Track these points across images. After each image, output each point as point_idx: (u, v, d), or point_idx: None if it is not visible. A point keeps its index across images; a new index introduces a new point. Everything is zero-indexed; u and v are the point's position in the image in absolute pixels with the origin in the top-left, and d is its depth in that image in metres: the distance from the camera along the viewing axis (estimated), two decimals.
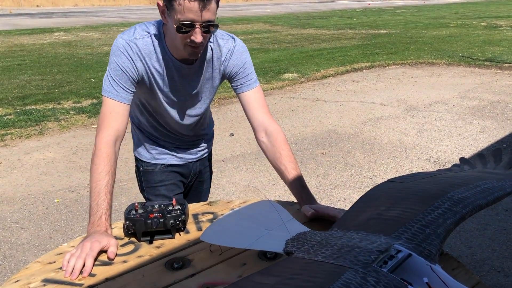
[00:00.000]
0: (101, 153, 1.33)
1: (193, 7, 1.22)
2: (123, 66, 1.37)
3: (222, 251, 1.21)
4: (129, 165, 4.09)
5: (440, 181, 1.27)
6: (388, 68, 8.84)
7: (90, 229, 1.21)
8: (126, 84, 1.38)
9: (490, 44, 11.68)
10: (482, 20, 19.50)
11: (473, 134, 4.83)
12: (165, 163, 1.69)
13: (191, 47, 1.32)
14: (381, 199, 1.22)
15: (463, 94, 6.62)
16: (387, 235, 1.02)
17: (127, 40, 1.38)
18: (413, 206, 1.13)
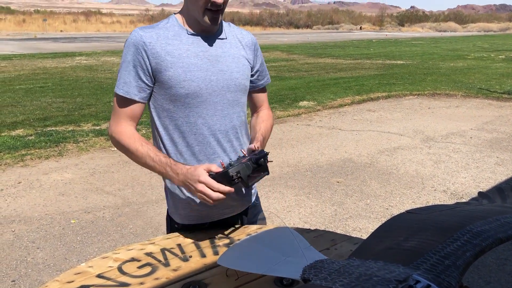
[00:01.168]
0: (127, 135, 1.37)
1: None
2: (137, 58, 1.34)
3: (239, 276, 1.21)
4: (145, 188, 4.12)
5: (459, 214, 1.26)
6: (405, 98, 8.84)
7: (177, 177, 1.30)
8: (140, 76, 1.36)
9: (508, 77, 11.64)
10: (500, 53, 19.49)
11: (491, 167, 4.77)
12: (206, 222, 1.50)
13: (211, 11, 1.33)
14: (399, 229, 1.21)
15: (481, 126, 6.57)
16: (406, 265, 1.02)
17: (140, 32, 1.36)
18: (432, 237, 1.12)
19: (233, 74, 1.42)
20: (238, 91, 1.44)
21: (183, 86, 1.34)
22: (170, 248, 1.37)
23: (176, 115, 1.38)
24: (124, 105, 1.37)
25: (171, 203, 1.51)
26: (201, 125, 1.39)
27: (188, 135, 1.40)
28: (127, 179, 4.36)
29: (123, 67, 1.36)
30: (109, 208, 3.71)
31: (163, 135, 1.41)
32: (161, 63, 1.33)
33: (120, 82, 1.36)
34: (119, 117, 1.38)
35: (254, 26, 62.72)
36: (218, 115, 1.41)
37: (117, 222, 3.46)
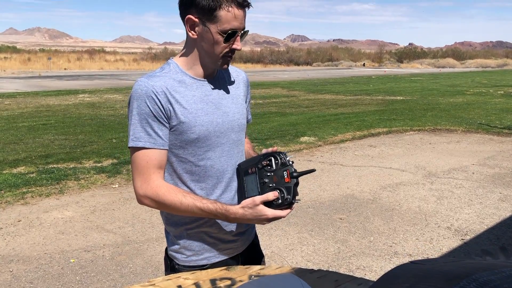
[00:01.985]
0: (164, 189, 1.36)
1: (239, 14, 1.29)
2: (148, 107, 1.34)
3: None
4: (146, 226, 4.08)
5: (464, 265, 1.24)
6: (406, 134, 8.88)
7: (231, 219, 1.35)
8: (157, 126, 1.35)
9: (508, 112, 11.72)
10: (499, 88, 19.69)
11: (495, 202, 4.73)
12: (206, 263, 1.48)
13: (228, 56, 1.36)
14: (402, 277, 1.19)
15: (482, 161, 6.56)
16: None
17: (147, 81, 1.36)
18: (437, 284, 1.10)
19: (235, 116, 1.45)
20: (240, 131, 1.48)
21: (194, 131, 1.37)
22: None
23: (185, 159, 1.40)
24: (149, 157, 1.35)
25: (171, 244, 1.49)
26: (210, 167, 1.42)
27: (196, 177, 1.42)
28: (127, 217, 4.33)
29: (138, 118, 1.33)
30: (109, 247, 3.66)
31: (172, 177, 1.43)
32: (172, 110, 1.35)
33: (137, 134, 1.34)
34: (148, 172, 1.35)
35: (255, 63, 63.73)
36: (225, 156, 1.44)
37: (117, 261, 3.40)
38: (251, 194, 1.37)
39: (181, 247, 1.46)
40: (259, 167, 1.37)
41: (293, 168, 1.31)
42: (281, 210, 1.30)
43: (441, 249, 3.60)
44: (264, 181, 1.34)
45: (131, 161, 1.41)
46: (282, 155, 1.33)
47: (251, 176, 1.39)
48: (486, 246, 3.63)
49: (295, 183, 1.30)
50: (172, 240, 1.49)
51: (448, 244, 3.69)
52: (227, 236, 1.45)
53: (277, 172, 1.32)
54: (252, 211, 1.30)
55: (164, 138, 1.37)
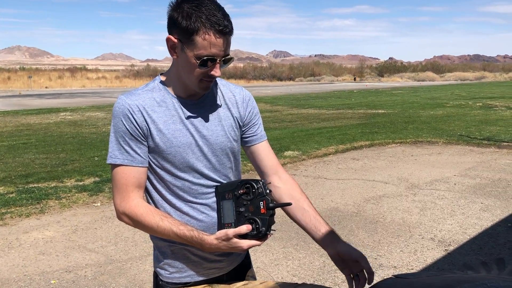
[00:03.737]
0: (142, 210, 1.35)
1: (218, 42, 1.26)
2: (125, 126, 1.34)
3: None
4: (129, 244, 4.02)
5: (446, 278, 1.24)
6: (388, 146, 8.97)
7: (205, 248, 1.33)
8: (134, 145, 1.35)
9: (486, 123, 11.94)
10: (477, 100, 20.09)
11: (477, 212, 4.79)
12: (189, 281, 1.45)
13: (206, 81, 1.33)
14: None
15: (463, 172, 6.65)
16: None
17: (125, 99, 1.36)
18: None
19: (218, 138, 1.42)
20: (223, 155, 1.44)
21: (170, 152, 1.36)
22: None
23: (164, 178, 1.40)
24: (127, 175, 1.35)
25: (157, 259, 1.48)
26: (188, 188, 1.40)
27: (176, 195, 1.41)
28: (110, 236, 4.26)
29: (115, 136, 1.35)
30: (92, 266, 3.59)
31: (152, 193, 1.43)
32: (148, 130, 1.35)
33: (115, 152, 1.35)
34: (126, 190, 1.35)
35: (238, 79, 63.96)
36: (204, 178, 1.42)
37: (100, 281, 3.34)
38: (227, 221, 1.36)
39: (165, 264, 1.45)
40: (236, 195, 1.35)
41: (270, 198, 1.30)
42: (255, 240, 1.29)
43: (425, 260, 3.62)
44: (240, 210, 1.33)
45: (111, 178, 1.40)
46: (260, 183, 1.31)
47: (228, 202, 1.37)
48: (469, 257, 3.65)
49: (270, 214, 1.29)
50: (157, 256, 1.47)
51: (432, 255, 3.71)
52: (211, 256, 1.43)
53: (254, 201, 1.31)
54: (226, 243, 1.29)
55: (142, 155, 1.36)
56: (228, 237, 1.29)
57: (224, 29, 1.26)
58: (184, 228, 1.33)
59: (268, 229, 1.30)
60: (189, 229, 1.33)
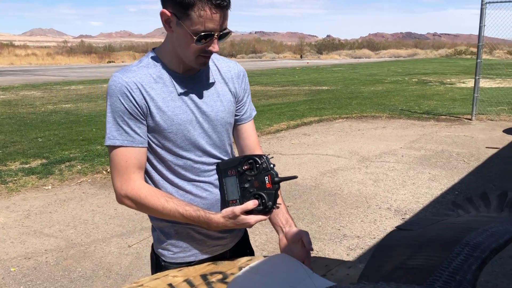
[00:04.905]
0: (146, 192, 1.31)
1: (215, 17, 1.19)
2: (123, 105, 1.27)
3: None
4: (89, 227, 3.89)
5: (451, 227, 1.31)
6: (335, 122, 9.20)
7: (212, 227, 1.31)
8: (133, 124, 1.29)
9: (424, 98, 12.53)
10: (413, 76, 20.99)
11: (426, 182, 5.06)
12: (193, 260, 1.44)
13: (203, 57, 1.28)
14: (399, 248, 1.24)
15: (409, 145, 6.98)
16: (420, 285, 1.03)
17: (121, 77, 1.28)
18: (434, 253, 1.15)
19: (218, 114, 1.38)
20: (224, 131, 1.41)
21: (172, 130, 1.31)
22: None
23: (165, 158, 1.35)
24: (127, 157, 1.29)
25: (158, 241, 1.43)
26: (190, 166, 1.37)
27: (178, 174, 1.37)
28: (67, 219, 4.09)
29: (113, 116, 1.28)
30: (52, 252, 3.44)
31: (152, 174, 1.37)
32: (147, 108, 1.28)
33: (114, 132, 1.28)
34: (126, 172, 1.29)
35: None
36: (206, 155, 1.38)
37: (63, 266, 3.21)
38: (231, 198, 1.35)
39: (168, 244, 1.41)
40: (239, 171, 1.33)
41: (274, 173, 1.29)
42: (262, 215, 1.29)
43: (385, 229, 3.79)
44: (245, 186, 1.31)
45: (109, 160, 1.33)
46: (264, 158, 1.30)
47: (231, 178, 1.36)
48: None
49: (276, 188, 1.29)
50: (159, 237, 1.43)
51: (391, 224, 3.89)
52: (215, 233, 1.41)
53: (258, 176, 1.29)
54: (234, 221, 1.28)
55: (142, 135, 1.30)
56: (235, 214, 1.28)
57: (221, 2, 1.19)
58: (190, 209, 1.31)
59: (274, 203, 1.30)
60: (195, 209, 1.31)
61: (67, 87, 17.09)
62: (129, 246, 3.53)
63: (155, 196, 1.31)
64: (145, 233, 3.77)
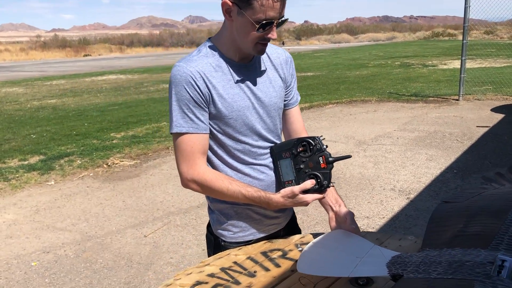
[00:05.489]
0: (211, 176, 1.38)
1: (276, 5, 1.25)
2: (188, 93, 1.33)
3: (314, 284, 1.23)
4: (101, 220, 3.92)
5: (495, 198, 1.40)
6: (326, 107, 9.30)
7: (272, 206, 1.39)
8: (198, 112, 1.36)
9: (410, 80, 12.72)
10: (395, 59, 21.21)
11: (424, 162, 5.20)
12: (252, 239, 1.51)
13: (262, 44, 1.33)
14: (452, 218, 1.33)
15: (402, 127, 7.12)
16: (485, 248, 1.12)
17: (185, 66, 1.34)
18: (490, 220, 1.24)
19: (272, 99, 1.45)
20: (276, 115, 1.49)
21: (232, 117, 1.37)
22: (229, 267, 1.36)
23: (223, 143, 1.41)
24: (193, 143, 1.35)
25: (218, 222, 1.50)
26: (248, 151, 1.43)
27: (237, 158, 1.44)
28: (77, 213, 4.11)
29: (178, 104, 1.33)
30: (69, 245, 3.47)
31: (212, 159, 1.44)
32: (210, 96, 1.35)
33: (180, 120, 1.34)
34: (192, 157, 1.36)
35: (155, 47, 61.79)
36: (262, 139, 1.45)
37: (84, 258, 3.25)
38: (287, 178, 1.42)
39: (229, 225, 1.48)
40: (293, 153, 1.40)
41: (328, 153, 1.36)
42: (318, 194, 1.36)
43: (392, 208, 3.91)
44: (300, 167, 1.38)
45: (174, 147, 1.39)
46: (317, 140, 1.37)
47: (286, 160, 1.42)
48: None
49: (330, 168, 1.35)
50: (219, 219, 1.49)
51: (397, 203, 4.01)
52: (271, 213, 1.49)
53: (313, 157, 1.36)
54: (293, 200, 1.35)
55: (205, 122, 1.37)
56: (294, 193, 1.35)
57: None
58: (252, 190, 1.38)
59: (329, 182, 1.37)
60: (255, 190, 1.38)
61: (49, 82, 16.82)
62: (145, 236, 3.57)
63: (219, 179, 1.37)
64: (158, 223, 3.82)
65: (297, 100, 1.59)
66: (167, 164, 5.58)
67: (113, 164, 5.61)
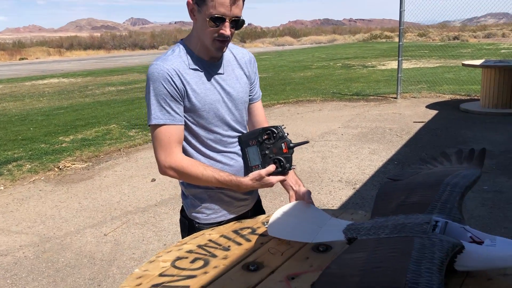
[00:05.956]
0: (187, 162, 1.54)
1: (225, 2, 1.42)
2: (165, 89, 1.48)
3: (282, 252, 1.42)
4: (58, 221, 3.92)
5: (431, 175, 1.66)
6: (274, 107, 9.58)
7: (242, 189, 1.57)
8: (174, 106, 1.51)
9: (351, 81, 13.29)
10: (337, 61, 21.97)
11: (368, 156, 5.55)
12: (223, 219, 1.68)
13: (219, 41, 1.47)
14: (396, 192, 1.56)
15: (346, 124, 7.51)
16: (422, 213, 1.35)
17: (162, 65, 1.49)
18: (426, 192, 1.49)
19: (239, 94, 1.63)
20: (243, 108, 1.67)
21: (205, 109, 1.54)
22: (205, 244, 1.52)
23: (198, 133, 1.58)
24: (170, 133, 1.50)
25: (192, 206, 1.65)
26: (219, 139, 1.61)
27: (209, 147, 1.61)
28: (32, 216, 4.08)
29: (156, 99, 1.48)
30: (28, 247, 3.47)
31: (186, 148, 1.60)
32: (185, 91, 1.51)
33: (157, 113, 1.49)
34: (169, 146, 1.51)
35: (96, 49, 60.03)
36: (231, 129, 1.63)
37: (45, 259, 3.27)
38: (254, 163, 1.61)
39: (202, 207, 1.64)
40: (259, 141, 1.59)
41: (289, 140, 1.57)
42: (281, 176, 1.57)
43: (340, 198, 4.19)
44: (265, 153, 1.58)
45: (152, 137, 1.53)
46: (279, 128, 1.57)
47: (252, 147, 1.61)
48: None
49: (291, 152, 1.56)
50: (193, 203, 1.65)
51: (344, 193, 4.30)
52: (240, 195, 1.67)
53: (276, 144, 1.56)
54: (260, 182, 1.55)
55: (181, 115, 1.53)
56: (261, 176, 1.54)
57: None
58: (224, 174, 1.55)
59: (290, 165, 1.57)
60: (227, 175, 1.55)
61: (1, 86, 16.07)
62: (105, 235, 3.63)
63: (194, 166, 1.53)
64: (117, 222, 3.88)
65: (260, 96, 1.78)
66: (121, 166, 5.61)
67: (64, 168, 5.55)
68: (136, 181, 4.87)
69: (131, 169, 5.45)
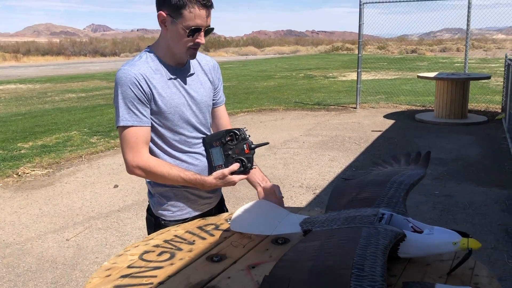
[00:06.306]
0: (154, 162, 1.62)
1: (202, 14, 1.54)
2: (133, 92, 1.57)
3: (244, 245, 1.53)
4: (18, 228, 3.88)
5: (380, 174, 1.81)
6: (238, 115, 9.71)
7: (206, 187, 1.66)
8: (141, 108, 1.59)
9: (313, 91, 13.61)
10: (299, 72, 22.38)
11: (328, 163, 5.75)
12: (188, 217, 1.76)
13: (193, 49, 1.60)
14: (349, 190, 1.70)
15: (307, 132, 7.71)
16: (370, 207, 1.49)
17: (130, 69, 1.58)
18: (374, 189, 1.63)
19: (203, 98, 1.74)
20: (207, 111, 1.78)
21: (170, 112, 1.64)
22: (171, 239, 1.60)
23: (164, 134, 1.67)
24: (137, 134, 1.58)
25: (158, 204, 1.74)
26: (184, 141, 1.70)
27: (175, 147, 1.70)
28: None
29: (124, 102, 1.56)
30: None
31: (153, 148, 1.68)
32: (151, 95, 1.60)
33: (125, 115, 1.57)
34: (137, 147, 1.59)
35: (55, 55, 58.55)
36: (196, 131, 1.73)
37: (4, 264, 3.24)
38: (217, 163, 1.71)
39: (168, 205, 1.72)
40: (222, 142, 1.69)
41: (251, 141, 1.68)
42: (243, 175, 1.67)
43: (301, 203, 4.34)
44: (228, 153, 1.69)
45: (120, 138, 1.62)
46: (241, 131, 1.68)
47: (216, 148, 1.72)
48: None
49: (253, 153, 1.67)
50: (159, 201, 1.73)
51: (305, 198, 4.45)
52: (204, 193, 1.76)
53: (238, 145, 1.67)
54: (223, 181, 1.65)
55: (148, 117, 1.62)
56: (224, 175, 1.64)
57: (206, 2, 1.56)
58: (189, 173, 1.64)
59: (252, 165, 1.69)
60: (192, 174, 1.65)
61: None
62: (67, 240, 3.62)
63: (161, 165, 1.62)
64: (80, 227, 3.87)
65: (223, 100, 1.89)
66: (82, 172, 5.57)
67: (23, 174, 5.46)
68: (98, 187, 4.86)
69: (93, 175, 5.42)
